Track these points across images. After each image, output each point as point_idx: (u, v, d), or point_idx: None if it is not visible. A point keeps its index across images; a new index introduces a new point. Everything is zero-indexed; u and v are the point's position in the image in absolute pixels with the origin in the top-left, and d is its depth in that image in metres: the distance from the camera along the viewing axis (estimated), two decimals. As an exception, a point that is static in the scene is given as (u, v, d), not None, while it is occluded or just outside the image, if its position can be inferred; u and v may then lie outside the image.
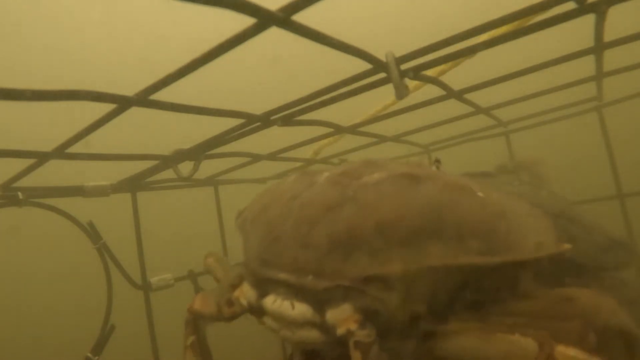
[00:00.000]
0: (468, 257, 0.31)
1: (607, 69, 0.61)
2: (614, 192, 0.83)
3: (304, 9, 0.32)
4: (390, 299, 0.32)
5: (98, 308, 0.68)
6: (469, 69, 0.61)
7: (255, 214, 0.41)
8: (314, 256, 0.33)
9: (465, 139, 0.94)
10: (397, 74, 0.45)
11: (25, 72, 1.51)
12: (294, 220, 0.35)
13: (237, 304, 0.39)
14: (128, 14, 1.87)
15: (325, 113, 0.57)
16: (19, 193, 0.58)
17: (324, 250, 0.33)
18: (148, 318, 0.71)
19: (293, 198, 0.37)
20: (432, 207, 0.33)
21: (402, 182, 0.35)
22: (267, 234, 0.37)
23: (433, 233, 0.32)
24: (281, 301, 0.34)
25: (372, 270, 0.32)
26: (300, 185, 0.39)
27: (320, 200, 0.35)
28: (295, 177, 0.42)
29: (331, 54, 0.40)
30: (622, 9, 0.41)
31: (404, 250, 0.31)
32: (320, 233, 0.33)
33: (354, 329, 0.30)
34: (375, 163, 0.40)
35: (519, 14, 0.41)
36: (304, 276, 0.33)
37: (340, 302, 0.32)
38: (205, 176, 0.82)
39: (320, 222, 0.34)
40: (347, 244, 0.32)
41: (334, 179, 0.37)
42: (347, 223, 0.33)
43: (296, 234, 0.34)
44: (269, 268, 0.35)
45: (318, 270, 0.32)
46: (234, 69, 1.53)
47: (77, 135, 0.46)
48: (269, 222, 0.37)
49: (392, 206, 0.33)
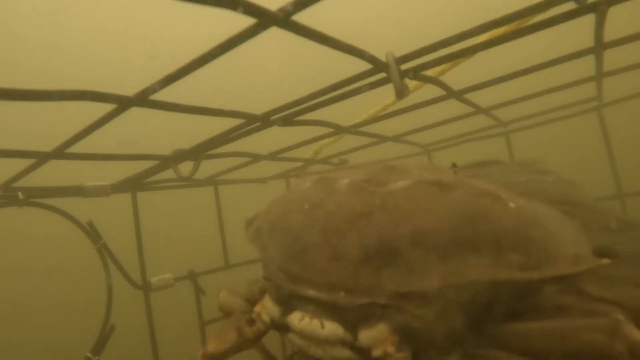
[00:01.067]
0: (509, 273, 0.29)
1: (607, 69, 0.61)
2: (614, 192, 0.83)
3: (304, 9, 0.32)
4: (428, 316, 0.30)
5: (98, 308, 0.68)
6: (469, 69, 0.61)
7: (272, 223, 0.38)
8: (346, 270, 0.30)
9: (465, 139, 0.94)
10: (397, 74, 0.45)
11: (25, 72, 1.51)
12: (320, 230, 0.33)
13: (259, 321, 0.36)
14: (128, 14, 1.87)
15: (325, 113, 0.57)
16: (19, 193, 0.58)
17: (356, 263, 0.30)
18: (148, 318, 0.71)
19: (315, 206, 0.35)
20: (466, 217, 0.31)
21: (431, 190, 0.33)
22: (291, 245, 0.34)
23: (470, 245, 0.30)
24: (309, 319, 0.32)
25: (409, 285, 0.29)
26: (320, 192, 0.37)
27: (346, 208, 0.33)
28: (313, 183, 0.40)
29: (331, 54, 0.40)
30: (622, 9, 0.41)
31: (441, 264, 0.29)
32: (350, 245, 0.31)
33: (390, 352, 0.29)
34: (397, 168, 0.38)
35: (519, 14, 0.41)
36: (335, 292, 0.30)
37: (375, 321, 0.30)
38: (205, 176, 0.82)
39: (349, 232, 0.31)
40: (380, 256, 0.30)
41: (358, 185, 0.35)
42: (379, 234, 0.31)
43: (324, 246, 0.32)
44: (295, 283, 0.32)
45: (351, 286, 0.30)
46: (234, 69, 1.53)
47: (77, 135, 0.46)
48: (291, 233, 0.35)
49: (425, 216, 0.31)
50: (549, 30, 0.42)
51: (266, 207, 0.44)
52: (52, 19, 1.73)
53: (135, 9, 1.88)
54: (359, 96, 0.52)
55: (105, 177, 0.68)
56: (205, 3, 0.28)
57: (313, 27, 0.36)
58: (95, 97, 0.38)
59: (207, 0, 0.28)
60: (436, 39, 0.44)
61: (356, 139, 0.80)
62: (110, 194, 0.68)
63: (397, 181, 0.35)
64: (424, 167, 0.42)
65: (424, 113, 0.67)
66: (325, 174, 0.42)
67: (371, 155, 0.96)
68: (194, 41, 0.61)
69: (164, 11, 1.92)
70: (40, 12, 1.70)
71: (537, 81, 0.61)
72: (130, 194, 0.73)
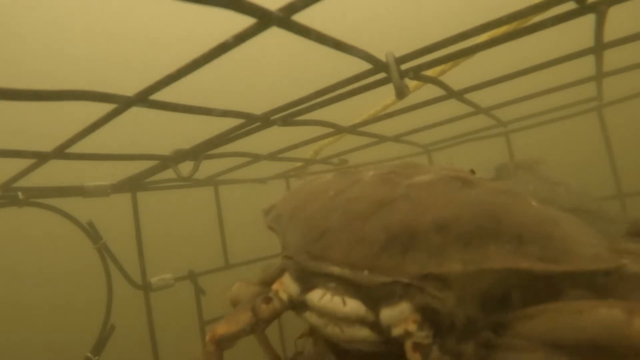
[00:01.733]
0: (529, 263, 0.29)
1: (607, 69, 0.61)
2: (614, 192, 0.83)
3: (304, 9, 0.32)
4: (448, 299, 0.31)
5: (98, 308, 0.68)
6: (469, 69, 0.61)
7: (293, 210, 0.39)
8: (370, 250, 0.31)
9: (465, 139, 0.94)
10: (397, 74, 0.45)
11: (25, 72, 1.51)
12: (343, 214, 0.34)
13: (276, 299, 0.36)
14: (128, 14, 1.87)
15: (325, 113, 0.57)
16: (19, 193, 0.58)
17: (380, 244, 0.31)
18: (148, 318, 0.71)
19: (338, 193, 0.36)
20: (489, 209, 0.32)
21: (455, 184, 0.34)
22: (313, 227, 0.35)
23: (491, 234, 0.30)
24: (331, 296, 0.32)
25: (431, 268, 0.30)
26: (343, 183, 0.38)
27: (371, 195, 0.34)
28: (335, 176, 0.41)
29: (331, 54, 0.40)
30: (622, 9, 0.41)
31: (463, 250, 0.30)
32: (375, 227, 0.32)
33: (412, 330, 0.29)
34: (419, 165, 0.40)
35: (519, 14, 0.41)
36: (359, 271, 0.31)
37: (398, 300, 0.30)
38: (205, 176, 0.82)
39: (373, 216, 0.32)
40: (404, 239, 0.31)
41: (383, 177, 0.37)
42: (403, 218, 0.32)
43: (348, 228, 0.33)
44: (318, 261, 0.33)
45: (374, 265, 0.31)
46: (234, 69, 1.53)
47: (77, 135, 0.46)
48: (312, 217, 0.36)
49: (448, 205, 0.32)
50: (549, 30, 0.42)
51: (285, 196, 0.45)
52: (52, 19, 1.73)
53: (136, 9, 1.88)
54: (359, 96, 0.52)
55: (105, 177, 0.68)
56: (206, 3, 0.28)
57: (313, 27, 0.36)
58: (95, 97, 0.38)
59: (207, 0, 0.28)
60: (436, 39, 0.44)
61: (356, 139, 0.80)
62: (110, 194, 0.68)
63: (421, 175, 0.36)
64: (446, 167, 0.43)
65: (424, 113, 0.67)
66: (350, 168, 0.43)
67: (371, 155, 0.96)
68: (194, 41, 0.61)
69: (164, 11, 1.92)
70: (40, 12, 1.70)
71: (537, 81, 0.61)
72: (130, 194, 0.73)
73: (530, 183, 0.59)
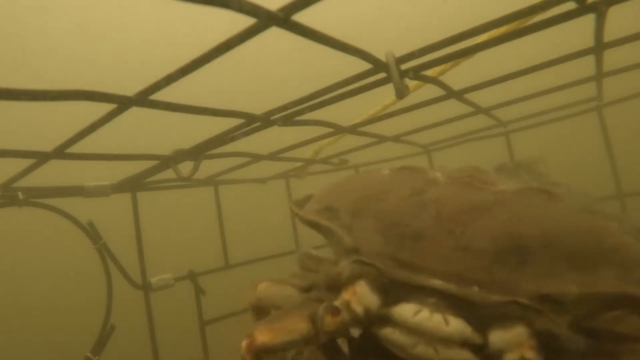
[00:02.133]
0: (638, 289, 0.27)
1: (607, 69, 0.61)
2: (614, 192, 0.83)
3: (304, 9, 0.32)
4: (561, 323, 0.27)
5: (98, 308, 0.68)
6: (469, 69, 0.61)
7: (357, 205, 0.35)
8: (478, 262, 0.28)
9: (465, 139, 0.94)
10: (397, 74, 0.45)
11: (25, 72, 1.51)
12: (434, 217, 0.30)
13: (346, 311, 0.30)
14: (128, 14, 1.87)
15: (325, 113, 0.57)
16: (19, 193, 0.58)
17: (489, 256, 0.28)
18: (148, 318, 0.71)
19: (417, 193, 0.33)
20: (592, 229, 0.29)
21: (542, 196, 0.32)
22: (397, 230, 0.31)
23: (597, 256, 0.28)
24: (430, 313, 0.28)
25: (549, 288, 0.27)
26: (415, 181, 0.35)
27: (462, 199, 0.31)
28: (400, 172, 0.37)
29: (331, 54, 0.40)
30: (622, 9, 0.41)
31: (572, 271, 0.27)
32: (478, 236, 0.28)
33: (530, 357, 0.26)
34: (486, 171, 0.37)
35: (519, 14, 0.41)
36: (467, 286, 0.27)
37: (513, 323, 0.26)
38: (205, 176, 0.82)
39: (473, 223, 0.29)
40: (515, 252, 0.28)
41: (462, 179, 0.34)
42: (508, 228, 0.28)
43: (445, 234, 0.29)
44: (411, 271, 0.29)
45: (485, 280, 0.27)
46: (235, 69, 1.53)
47: (77, 135, 0.46)
48: (393, 216, 0.32)
49: (549, 219, 0.29)
50: (549, 30, 0.42)
51: (331, 189, 0.40)
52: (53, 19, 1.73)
53: (136, 9, 1.88)
54: (359, 96, 0.52)
55: (105, 177, 0.68)
56: (206, 3, 0.28)
57: (313, 27, 0.36)
58: (95, 97, 0.38)
59: (208, 0, 0.28)
60: (436, 39, 0.44)
61: (356, 139, 0.80)
62: (110, 194, 0.68)
63: (503, 182, 0.33)
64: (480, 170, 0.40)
65: (424, 113, 0.67)
66: (402, 166, 0.40)
67: (371, 155, 0.96)
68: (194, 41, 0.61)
69: (164, 11, 1.92)
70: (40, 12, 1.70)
71: (537, 81, 0.61)
72: (130, 194, 0.73)
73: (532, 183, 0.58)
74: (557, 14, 0.40)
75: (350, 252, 0.33)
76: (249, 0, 0.30)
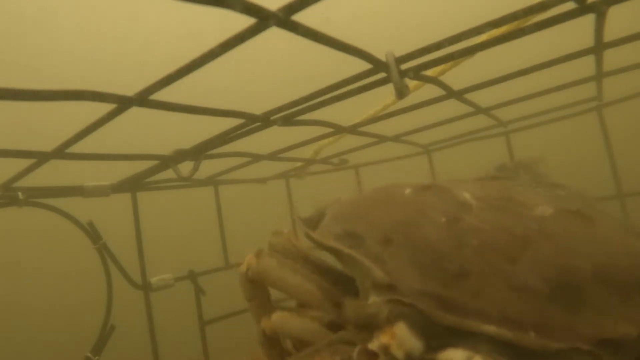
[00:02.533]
0: None
1: (607, 69, 0.61)
2: (614, 192, 0.83)
3: (304, 9, 0.32)
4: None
5: (98, 308, 0.68)
6: (469, 69, 0.61)
7: (386, 232, 0.32)
8: (532, 305, 0.25)
9: (465, 139, 0.94)
10: (397, 74, 0.45)
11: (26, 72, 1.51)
12: (478, 250, 0.28)
13: (384, 356, 0.27)
14: (128, 14, 1.87)
15: (325, 113, 0.57)
16: (19, 193, 0.58)
17: (543, 297, 0.25)
18: (148, 318, 0.71)
19: (453, 220, 0.30)
20: (635, 253, 0.28)
21: (579, 220, 0.30)
22: (439, 264, 0.28)
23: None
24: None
25: (607, 331, 0.25)
26: (446, 204, 0.32)
27: (502, 228, 0.29)
28: (425, 191, 0.35)
29: (331, 54, 0.40)
30: (622, 9, 0.41)
31: (627, 308, 0.26)
32: (529, 274, 0.26)
33: None
34: (509, 184, 0.35)
35: (519, 14, 0.41)
36: (522, 331, 0.25)
37: None
38: (205, 176, 0.82)
39: (521, 258, 0.27)
40: (567, 291, 0.26)
41: (496, 203, 0.31)
42: (558, 264, 0.26)
43: (494, 272, 0.27)
44: (459, 314, 0.26)
45: (541, 323, 0.25)
46: (235, 69, 1.53)
47: (77, 135, 0.46)
48: (429, 248, 0.29)
49: (599, 249, 0.28)
50: (549, 30, 0.42)
51: (347, 209, 0.37)
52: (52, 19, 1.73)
53: (136, 9, 1.88)
54: (359, 96, 0.52)
55: (105, 177, 0.68)
56: (206, 3, 0.28)
57: (313, 27, 0.36)
58: (95, 97, 0.38)
59: (208, 0, 0.28)
60: (436, 39, 0.44)
61: (356, 139, 0.80)
62: (110, 194, 0.68)
63: (538, 205, 0.31)
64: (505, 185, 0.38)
65: (424, 113, 0.67)
66: (426, 185, 0.36)
67: (371, 155, 0.96)
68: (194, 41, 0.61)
69: (163, 11, 1.92)
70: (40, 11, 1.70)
71: (537, 81, 0.61)
72: (130, 194, 0.73)
73: (532, 184, 0.58)
74: (557, 14, 0.40)
75: (384, 288, 0.30)
76: (249, 0, 0.30)
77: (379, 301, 0.30)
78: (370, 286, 0.31)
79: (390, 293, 0.29)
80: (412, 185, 0.37)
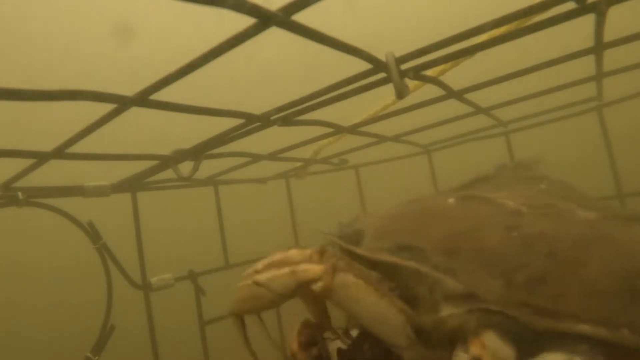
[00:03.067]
0: None
1: (607, 69, 0.61)
2: (614, 192, 0.83)
3: (304, 9, 0.32)
4: None
5: (98, 308, 0.68)
6: (469, 69, 0.61)
7: (449, 244, 0.32)
8: (616, 304, 0.26)
9: (465, 139, 0.94)
10: (397, 74, 0.45)
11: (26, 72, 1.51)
12: (549, 256, 0.28)
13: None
14: (128, 14, 1.87)
15: (325, 113, 0.57)
16: (19, 193, 0.58)
17: (623, 296, 0.26)
18: (148, 318, 0.71)
19: (513, 228, 0.30)
20: None
21: (616, 221, 0.31)
22: (518, 273, 0.28)
23: None
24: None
25: None
26: (496, 212, 0.32)
27: (563, 234, 0.29)
28: (467, 201, 0.35)
29: (331, 54, 0.40)
30: (622, 9, 0.41)
31: None
32: (603, 275, 0.27)
33: None
34: (540, 189, 0.36)
35: (519, 14, 0.41)
36: (616, 329, 0.25)
37: None
38: (205, 176, 0.82)
39: (590, 261, 0.27)
40: (635, 290, 0.26)
41: (542, 210, 0.32)
42: (623, 265, 0.27)
43: (570, 274, 0.27)
44: (552, 318, 0.26)
45: (630, 321, 0.25)
46: (235, 69, 1.53)
47: (77, 135, 0.46)
48: (501, 257, 0.29)
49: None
50: (549, 30, 0.42)
51: (392, 224, 0.36)
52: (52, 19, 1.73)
53: (136, 9, 1.88)
54: (359, 96, 0.52)
55: (105, 177, 0.68)
56: (206, 3, 0.28)
57: (313, 27, 0.36)
58: (95, 97, 0.38)
59: (208, 0, 0.28)
60: (436, 39, 0.44)
61: (356, 139, 0.80)
62: (110, 194, 0.68)
63: (577, 208, 0.32)
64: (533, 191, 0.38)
65: (424, 113, 0.67)
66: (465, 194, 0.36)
67: (371, 155, 0.96)
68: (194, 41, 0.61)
69: (163, 11, 1.92)
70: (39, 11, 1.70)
71: (537, 81, 0.61)
72: (130, 194, 0.73)
73: (525, 184, 0.57)
74: (557, 14, 0.40)
75: (459, 298, 0.30)
76: (249, 0, 0.30)
77: (460, 312, 0.29)
78: (441, 298, 0.30)
79: (470, 303, 0.29)
80: (448, 196, 0.37)
